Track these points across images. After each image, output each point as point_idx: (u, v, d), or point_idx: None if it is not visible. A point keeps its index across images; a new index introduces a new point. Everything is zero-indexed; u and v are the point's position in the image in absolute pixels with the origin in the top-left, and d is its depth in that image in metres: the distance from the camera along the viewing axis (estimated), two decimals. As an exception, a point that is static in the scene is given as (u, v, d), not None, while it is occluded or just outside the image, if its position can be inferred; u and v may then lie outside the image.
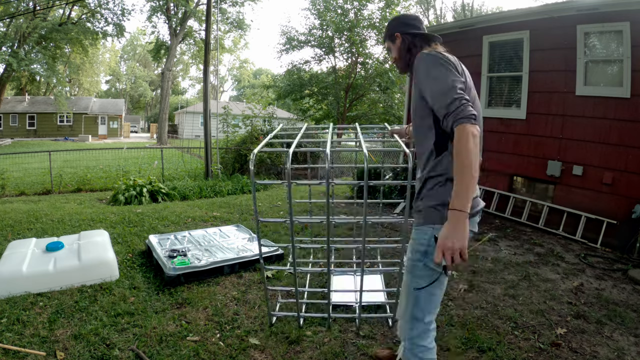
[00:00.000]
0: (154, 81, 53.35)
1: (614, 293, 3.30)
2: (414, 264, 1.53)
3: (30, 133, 30.41)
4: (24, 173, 11.14)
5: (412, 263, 1.54)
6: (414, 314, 1.53)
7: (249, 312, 2.82)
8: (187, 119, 32.85)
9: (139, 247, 4.10)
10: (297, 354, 2.36)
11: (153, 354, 2.29)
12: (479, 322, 2.74)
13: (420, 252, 1.50)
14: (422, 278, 1.50)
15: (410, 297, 1.54)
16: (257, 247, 3.89)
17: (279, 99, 21.46)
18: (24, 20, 21.38)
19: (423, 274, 1.50)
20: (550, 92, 5.19)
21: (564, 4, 4.89)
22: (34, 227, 4.76)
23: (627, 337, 2.59)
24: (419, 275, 1.51)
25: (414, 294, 1.53)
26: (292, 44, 18.05)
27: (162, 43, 28.53)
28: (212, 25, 12.03)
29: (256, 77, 57.64)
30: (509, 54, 5.73)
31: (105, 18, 24.46)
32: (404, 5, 17.05)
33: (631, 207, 4.34)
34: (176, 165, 13.34)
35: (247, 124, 12.05)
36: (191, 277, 3.26)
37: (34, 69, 22.73)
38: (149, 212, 5.73)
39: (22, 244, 3.47)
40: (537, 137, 5.36)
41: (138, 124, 46.34)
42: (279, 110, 25.61)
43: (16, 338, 2.37)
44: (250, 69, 57.75)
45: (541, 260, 4.03)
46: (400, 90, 16.91)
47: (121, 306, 2.81)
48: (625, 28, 4.37)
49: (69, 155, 12.56)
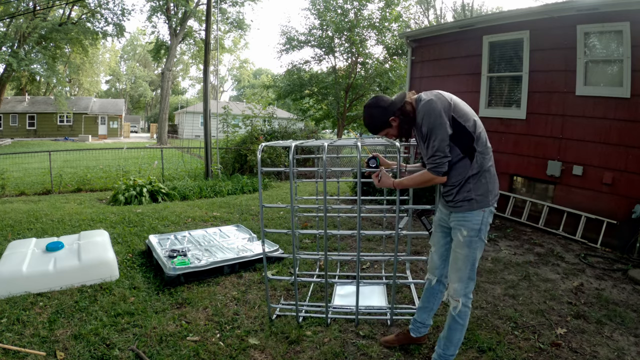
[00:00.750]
0: (154, 81, 53.35)
1: (614, 293, 3.30)
2: (471, 239, 1.99)
3: (30, 133, 30.40)
4: (24, 173, 11.13)
5: (469, 239, 1.99)
6: (470, 276, 2.03)
7: (249, 312, 2.82)
8: (187, 119, 32.84)
9: (139, 247, 4.10)
10: (297, 354, 2.36)
11: (153, 354, 2.29)
12: (479, 322, 2.74)
13: (475, 229, 1.97)
14: (477, 249, 2.01)
15: (468, 263, 2.01)
16: (257, 247, 3.91)
17: (279, 99, 21.46)
18: (24, 20, 21.37)
19: (477, 246, 2.00)
20: (550, 92, 5.18)
21: (564, 4, 4.89)
22: (34, 227, 4.76)
23: (627, 337, 2.59)
24: (474, 247, 1.99)
25: (472, 261, 2.00)
26: (292, 44, 18.04)
27: (162, 43, 28.51)
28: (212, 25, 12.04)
29: (256, 77, 57.63)
30: (509, 54, 5.72)
31: (105, 18, 24.46)
32: (404, 5, 17.06)
33: (631, 207, 4.34)
34: (176, 165, 13.34)
35: (247, 124, 12.04)
36: (191, 277, 3.26)
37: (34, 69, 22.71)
38: (149, 212, 5.73)
39: (22, 244, 3.47)
40: (537, 137, 5.35)
41: (138, 124, 46.32)
42: (279, 110, 25.61)
43: (16, 338, 2.37)
44: (250, 69, 57.72)
45: (541, 260, 4.03)
46: (400, 90, 16.90)
47: (121, 306, 2.81)
48: (625, 28, 4.37)
49: (69, 155, 12.56)
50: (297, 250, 3.02)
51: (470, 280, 2.04)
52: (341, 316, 2.75)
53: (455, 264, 2.06)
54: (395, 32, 16.52)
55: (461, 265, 2.03)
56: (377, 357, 2.34)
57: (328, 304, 2.65)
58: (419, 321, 2.38)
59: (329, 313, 2.70)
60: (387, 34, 16.65)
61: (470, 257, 2.00)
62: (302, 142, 2.52)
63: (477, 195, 1.96)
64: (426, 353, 2.38)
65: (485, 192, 1.97)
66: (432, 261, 2.29)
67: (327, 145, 2.44)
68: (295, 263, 2.54)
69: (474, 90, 6.05)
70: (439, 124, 1.89)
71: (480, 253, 2.04)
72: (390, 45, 16.72)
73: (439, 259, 2.25)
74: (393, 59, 17.09)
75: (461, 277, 2.03)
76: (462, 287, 2.03)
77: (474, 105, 6.00)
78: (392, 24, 16.44)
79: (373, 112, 2.07)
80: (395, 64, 16.83)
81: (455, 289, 2.05)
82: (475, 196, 1.96)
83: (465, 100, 2.11)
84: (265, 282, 2.51)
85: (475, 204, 1.97)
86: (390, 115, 2.03)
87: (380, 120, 2.06)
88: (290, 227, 5.03)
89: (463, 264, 2.02)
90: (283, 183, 10.46)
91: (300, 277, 3.39)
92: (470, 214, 1.98)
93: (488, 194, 1.98)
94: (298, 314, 2.60)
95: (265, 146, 2.39)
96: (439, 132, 1.89)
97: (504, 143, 5.77)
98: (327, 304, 2.61)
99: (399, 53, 16.59)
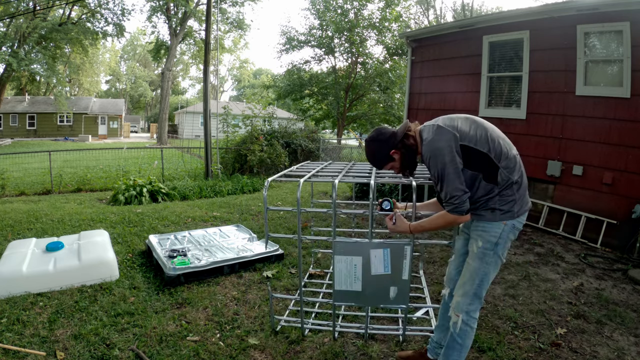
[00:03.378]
0: (154, 81, 53.33)
1: (614, 293, 3.30)
2: (485, 251, 1.85)
3: (30, 133, 30.39)
4: (24, 173, 11.13)
5: (483, 251, 1.85)
6: (477, 292, 1.88)
7: (249, 312, 2.82)
8: (187, 119, 32.83)
9: (139, 247, 4.10)
10: (297, 354, 2.36)
11: (153, 354, 2.29)
12: (479, 322, 2.73)
13: (492, 242, 1.83)
14: (490, 264, 1.86)
15: (477, 278, 1.87)
16: (257, 247, 3.91)
17: (279, 99, 21.48)
18: (24, 20, 21.35)
19: (491, 261, 1.85)
20: (550, 92, 5.18)
21: (564, 4, 4.88)
22: (34, 227, 4.76)
23: (627, 337, 2.59)
24: (487, 262, 1.85)
25: (481, 277, 1.86)
26: (292, 44, 18.06)
27: (162, 43, 28.50)
28: (212, 25, 12.03)
29: (256, 77, 57.61)
30: (509, 54, 5.72)
31: (105, 18, 24.43)
32: (404, 5, 17.07)
33: (631, 207, 4.34)
34: (176, 165, 13.33)
35: (247, 124, 12.04)
36: (191, 277, 3.26)
37: (34, 69, 22.69)
38: (149, 212, 5.73)
39: (22, 244, 3.47)
40: (537, 137, 5.35)
41: (138, 124, 46.30)
42: (279, 110, 25.60)
43: (16, 338, 2.37)
44: (250, 69, 57.71)
45: (541, 260, 4.03)
46: (400, 90, 16.92)
47: (121, 306, 2.81)
48: (625, 28, 4.37)
49: (69, 155, 12.55)
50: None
51: (475, 297, 1.88)
52: (350, 330, 2.60)
53: (464, 276, 1.93)
54: (395, 32, 16.54)
55: (468, 278, 1.89)
56: (377, 357, 2.34)
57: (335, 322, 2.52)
58: (435, 341, 2.21)
59: (337, 327, 2.56)
60: (387, 34, 16.67)
61: (480, 271, 1.86)
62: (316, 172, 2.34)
63: (501, 206, 1.82)
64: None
65: (511, 204, 1.82)
66: (448, 272, 2.16)
67: (337, 183, 2.32)
68: (301, 282, 2.53)
69: (474, 90, 6.05)
70: (448, 163, 1.74)
71: (495, 271, 1.88)
72: (390, 45, 16.73)
73: (455, 270, 2.10)
74: (393, 59, 17.10)
75: (466, 291, 1.89)
76: (465, 302, 1.89)
77: (474, 106, 6.00)
78: (392, 24, 16.46)
79: (373, 147, 1.95)
80: (395, 64, 16.84)
81: (457, 303, 1.92)
82: (499, 207, 1.82)
83: (465, 100, 2.08)
84: (270, 300, 2.49)
85: (498, 215, 1.82)
86: (391, 149, 1.91)
87: (381, 154, 1.93)
88: (291, 227, 5.04)
89: (471, 277, 1.88)
90: (283, 183, 10.46)
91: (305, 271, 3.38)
92: (489, 225, 1.84)
93: (514, 205, 1.82)
94: (303, 326, 2.56)
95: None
96: (450, 173, 1.74)
97: (504, 143, 5.77)
98: (335, 322, 2.49)
99: (399, 53, 16.60)
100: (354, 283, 2.29)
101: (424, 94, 7.08)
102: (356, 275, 2.27)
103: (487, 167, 1.80)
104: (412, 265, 2.25)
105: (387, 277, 2.25)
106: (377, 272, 2.24)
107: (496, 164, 1.79)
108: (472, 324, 1.90)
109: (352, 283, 2.29)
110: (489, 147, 1.79)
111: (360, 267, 2.26)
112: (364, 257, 2.24)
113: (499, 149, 1.80)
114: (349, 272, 2.28)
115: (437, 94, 6.80)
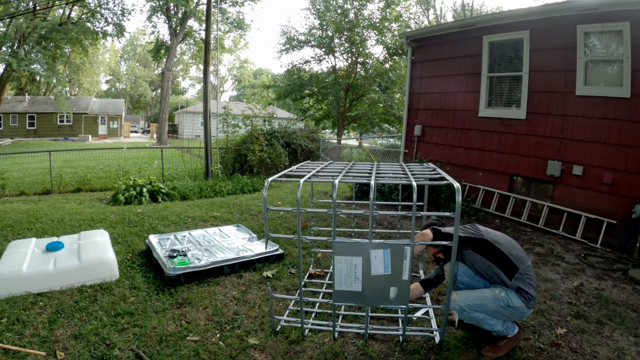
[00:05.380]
0: (154, 81, 53.33)
1: (614, 293, 3.30)
2: (498, 297, 2.24)
3: (30, 133, 30.39)
4: (24, 173, 11.12)
5: (498, 295, 2.24)
6: (473, 306, 2.26)
7: (249, 312, 2.82)
8: (187, 119, 32.84)
9: (139, 247, 4.10)
10: (297, 354, 2.36)
11: (153, 354, 2.29)
12: (479, 322, 2.73)
13: (509, 305, 2.23)
14: (497, 304, 2.24)
15: (480, 297, 2.26)
16: (257, 247, 3.91)
17: (279, 99, 21.46)
18: (24, 20, 21.34)
19: (499, 305, 2.24)
20: (550, 92, 5.19)
21: (564, 4, 4.89)
22: (34, 227, 4.76)
23: (627, 337, 2.59)
24: (495, 300, 2.25)
25: (482, 300, 2.25)
26: (292, 44, 18.06)
27: (162, 43, 28.50)
28: (212, 25, 12.03)
29: (256, 77, 57.60)
30: (509, 54, 5.72)
31: (105, 18, 24.43)
32: (404, 5, 17.06)
33: (631, 207, 4.34)
34: (176, 165, 13.33)
35: (247, 124, 12.04)
36: (191, 277, 3.26)
37: (34, 69, 22.65)
38: (149, 212, 5.72)
39: (22, 244, 3.47)
40: (537, 137, 5.35)
41: (138, 124, 46.30)
42: (279, 110, 25.61)
43: (16, 338, 2.37)
44: (250, 69, 57.70)
45: (541, 260, 4.03)
46: (400, 90, 16.92)
47: (121, 306, 2.81)
48: (625, 28, 4.37)
49: (69, 155, 12.55)
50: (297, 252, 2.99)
51: (467, 307, 2.26)
52: (350, 330, 2.61)
53: (474, 290, 2.32)
54: (395, 32, 16.54)
55: (476, 292, 2.28)
56: (377, 357, 2.34)
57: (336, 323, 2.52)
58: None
59: (337, 327, 2.56)
60: (387, 34, 16.67)
61: (485, 298, 2.24)
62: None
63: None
64: (425, 354, 2.38)
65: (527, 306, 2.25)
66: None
67: (337, 183, 2.33)
68: (301, 282, 2.53)
69: (474, 90, 6.05)
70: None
71: (493, 308, 2.23)
72: (390, 45, 16.72)
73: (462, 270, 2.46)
74: (393, 59, 17.10)
75: (467, 296, 2.26)
76: (461, 305, 2.27)
77: (474, 106, 6.01)
78: (392, 24, 16.46)
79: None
80: (396, 63, 16.84)
81: (454, 301, 2.30)
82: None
83: (465, 100, 2.14)
84: (270, 300, 2.49)
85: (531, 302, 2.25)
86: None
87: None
88: (291, 227, 5.03)
89: (477, 293, 2.26)
90: (283, 183, 10.45)
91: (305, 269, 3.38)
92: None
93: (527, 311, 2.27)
94: (303, 326, 2.56)
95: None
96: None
97: (503, 143, 5.77)
98: (335, 322, 2.49)
99: (399, 53, 16.60)
100: (354, 283, 2.29)
101: (424, 94, 7.09)
102: (356, 275, 2.28)
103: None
104: (412, 266, 2.27)
105: (387, 277, 2.25)
106: (377, 273, 2.25)
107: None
108: (468, 310, 2.28)
109: (352, 283, 2.29)
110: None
111: (361, 268, 2.26)
112: (364, 257, 2.25)
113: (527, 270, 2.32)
114: (349, 272, 2.28)
115: (437, 94, 6.80)
